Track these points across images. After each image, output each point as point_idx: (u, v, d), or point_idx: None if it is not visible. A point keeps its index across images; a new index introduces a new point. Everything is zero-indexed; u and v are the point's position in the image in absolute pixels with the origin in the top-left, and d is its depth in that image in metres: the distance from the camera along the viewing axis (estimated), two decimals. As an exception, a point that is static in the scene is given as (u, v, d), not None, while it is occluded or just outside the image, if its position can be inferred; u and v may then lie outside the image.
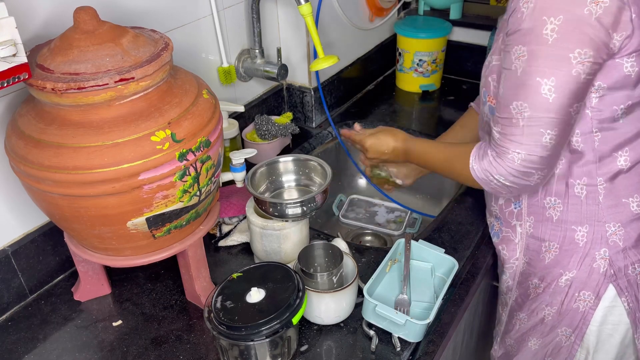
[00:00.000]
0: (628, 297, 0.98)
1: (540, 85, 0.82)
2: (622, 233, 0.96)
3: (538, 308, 1.07)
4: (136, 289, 1.09)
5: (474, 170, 0.95)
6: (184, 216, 0.90)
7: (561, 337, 1.05)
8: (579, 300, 1.00)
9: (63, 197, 0.82)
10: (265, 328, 0.84)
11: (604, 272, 0.97)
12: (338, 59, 1.24)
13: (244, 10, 1.37)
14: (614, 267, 0.97)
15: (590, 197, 0.95)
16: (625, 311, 0.99)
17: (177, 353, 0.95)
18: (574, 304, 1.01)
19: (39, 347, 0.97)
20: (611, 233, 0.96)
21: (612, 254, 0.97)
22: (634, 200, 0.95)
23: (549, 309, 1.05)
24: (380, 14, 1.75)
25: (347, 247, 1.08)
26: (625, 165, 0.93)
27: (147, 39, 0.86)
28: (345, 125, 1.64)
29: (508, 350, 1.18)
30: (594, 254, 0.97)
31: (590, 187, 0.95)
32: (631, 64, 0.84)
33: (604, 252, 0.97)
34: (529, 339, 1.11)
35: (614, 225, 0.96)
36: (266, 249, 1.07)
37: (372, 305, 0.93)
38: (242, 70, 1.41)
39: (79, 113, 0.80)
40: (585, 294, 1.00)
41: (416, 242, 1.09)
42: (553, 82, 0.81)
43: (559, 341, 1.06)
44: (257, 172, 1.11)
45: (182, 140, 0.83)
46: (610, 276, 0.97)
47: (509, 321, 1.16)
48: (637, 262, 0.97)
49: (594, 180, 0.94)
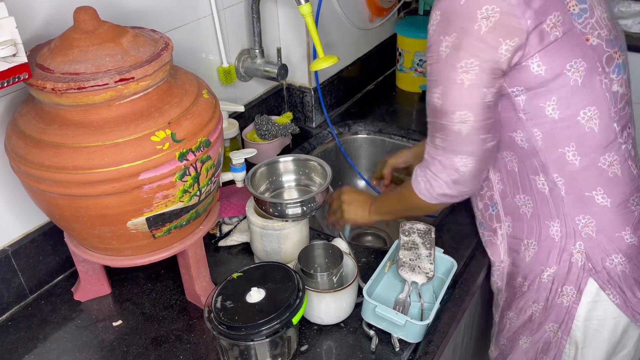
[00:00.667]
0: (613, 291, 0.99)
1: (433, 93, 0.92)
2: (594, 225, 0.97)
3: (525, 306, 1.08)
4: (136, 289, 1.09)
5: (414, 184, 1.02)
6: (184, 216, 0.90)
7: (549, 334, 1.06)
8: (563, 295, 1.01)
9: (63, 197, 0.82)
10: (265, 328, 0.84)
11: (582, 266, 0.99)
12: (338, 59, 1.24)
13: (244, 10, 1.37)
14: (591, 260, 0.98)
15: (553, 193, 0.97)
16: (611, 305, 1.00)
17: (177, 353, 0.95)
18: (558, 299, 1.02)
19: (39, 347, 0.97)
20: (582, 226, 0.97)
21: (587, 247, 0.98)
22: (598, 192, 0.96)
23: (535, 305, 1.06)
24: (380, 14, 1.75)
25: (348, 247, 1.08)
26: (575, 159, 0.94)
27: (147, 38, 0.86)
28: (345, 125, 1.64)
29: (502, 350, 1.19)
30: (570, 248, 0.99)
31: (550, 182, 0.97)
32: (537, 64, 0.87)
33: (579, 245, 0.98)
34: (520, 338, 1.12)
35: (584, 217, 0.97)
36: (266, 249, 1.07)
37: (372, 306, 0.93)
38: (242, 70, 1.41)
39: (79, 113, 0.80)
40: (567, 289, 1.01)
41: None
42: (441, 91, 0.90)
43: (547, 337, 1.07)
44: (257, 172, 1.11)
45: (182, 140, 0.83)
46: (589, 270, 0.98)
47: (500, 321, 1.18)
48: (614, 253, 0.98)
49: (550, 176, 0.96)
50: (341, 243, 1.08)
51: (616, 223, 0.97)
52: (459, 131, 0.92)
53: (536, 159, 0.96)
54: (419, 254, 1.03)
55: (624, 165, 0.96)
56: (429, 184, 0.99)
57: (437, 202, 1.01)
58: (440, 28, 0.88)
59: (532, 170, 0.97)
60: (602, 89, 0.92)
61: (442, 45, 0.88)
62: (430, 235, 1.06)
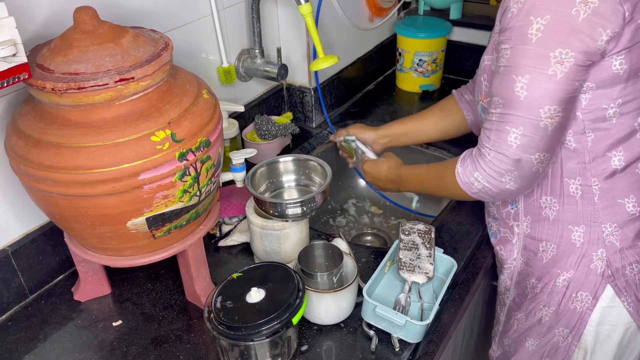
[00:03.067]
0: (628, 298, 0.97)
1: (515, 82, 0.83)
2: (619, 233, 0.96)
3: (536, 308, 1.07)
4: (136, 289, 1.09)
5: (458, 174, 0.95)
6: (184, 216, 0.90)
7: (558, 338, 1.05)
8: (577, 301, 1.00)
9: (63, 197, 0.82)
10: (265, 328, 0.84)
11: (602, 273, 0.97)
12: (338, 59, 1.24)
13: (244, 10, 1.37)
14: (611, 267, 0.96)
15: (585, 197, 0.95)
16: (624, 312, 0.99)
17: (177, 353, 0.95)
18: (572, 304, 1.01)
19: (39, 347, 0.97)
20: (608, 234, 0.96)
21: (609, 254, 0.96)
22: (630, 200, 0.95)
23: (547, 309, 1.05)
24: (380, 14, 1.75)
25: (347, 247, 1.08)
26: (619, 165, 0.92)
27: (147, 38, 0.86)
28: (345, 125, 1.64)
29: (505, 351, 1.18)
30: (591, 254, 0.97)
31: (585, 187, 0.95)
32: (620, 62, 0.83)
33: (601, 252, 0.97)
34: (527, 340, 1.10)
35: (610, 225, 0.96)
36: (266, 249, 1.07)
37: (372, 306, 0.93)
38: (242, 70, 1.41)
39: (79, 113, 0.80)
40: (582, 295, 0.99)
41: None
42: (527, 80, 0.82)
43: (556, 342, 1.06)
44: (257, 172, 1.11)
45: (182, 140, 0.83)
46: (607, 277, 0.97)
47: (507, 321, 1.16)
48: (634, 262, 0.97)
49: (588, 180, 0.94)
50: (341, 243, 1.08)
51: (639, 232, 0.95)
52: (545, 127, 0.84)
53: (579, 161, 0.93)
54: (419, 254, 1.03)
55: None
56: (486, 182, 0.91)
57: (480, 198, 0.96)
58: (530, 6, 0.80)
59: (570, 173, 0.94)
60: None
61: (532, 28, 0.79)
62: (430, 235, 1.06)
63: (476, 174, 0.92)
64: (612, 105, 0.87)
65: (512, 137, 0.86)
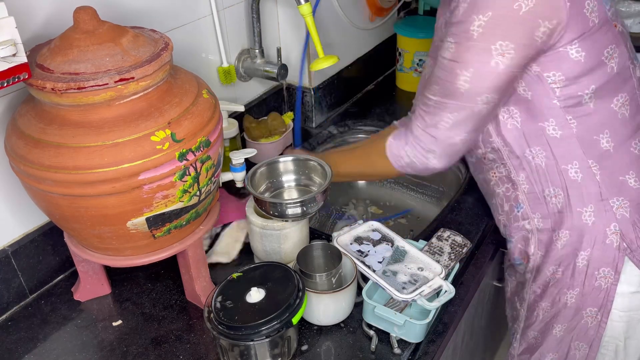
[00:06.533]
0: None
1: (458, 76, 0.87)
2: (628, 205, 0.97)
3: (560, 293, 1.06)
4: (136, 289, 1.09)
5: (390, 147, 1.03)
6: (184, 216, 0.90)
7: (587, 319, 1.05)
8: (600, 277, 1.00)
9: (63, 197, 0.82)
10: (265, 328, 0.84)
11: (618, 246, 0.98)
12: (338, 59, 1.24)
13: (244, 10, 1.37)
14: (626, 240, 0.98)
15: (587, 179, 0.97)
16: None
17: (177, 353, 0.95)
18: (596, 282, 1.01)
19: (39, 347, 0.97)
20: (617, 207, 0.97)
21: (622, 227, 0.98)
22: (631, 176, 0.96)
23: (571, 292, 1.04)
24: (380, 14, 1.75)
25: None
26: (609, 146, 0.95)
27: (147, 38, 0.86)
28: (345, 125, 1.64)
29: (531, 344, 1.16)
30: (604, 230, 0.98)
31: (584, 169, 0.96)
32: (576, 50, 0.86)
33: (614, 227, 0.98)
34: (554, 327, 1.10)
35: (617, 199, 0.97)
36: (266, 249, 1.07)
37: (372, 307, 0.93)
38: (242, 70, 1.41)
39: (79, 113, 0.80)
40: (604, 271, 1.00)
41: (416, 242, 1.09)
42: (470, 74, 0.86)
43: (584, 323, 1.06)
44: (257, 172, 1.11)
45: (182, 140, 0.83)
46: (624, 249, 0.98)
47: (529, 315, 1.15)
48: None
49: (585, 162, 0.96)
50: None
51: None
52: (480, 112, 0.90)
53: (569, 148, 0.95)
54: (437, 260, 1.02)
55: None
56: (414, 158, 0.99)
57: (404, 171, 1.04)
58: (475, 5, 0.84)
59: (565, 160, 0.96)
60: (632, 74, 0.93)
61: (473, 24, 0.84)
62: (462, 250, 1.06)
63: (407, 148, 1.00)
64: (586, 92, 0.90)
65: (445, 121, 0.93)
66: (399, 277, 0.98)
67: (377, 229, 1.09)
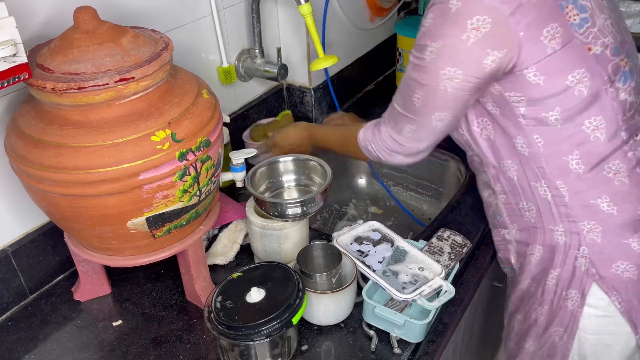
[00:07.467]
0: (618, 297, 0.97)
1: (413, 93, 0.94)
2: (599, 230, 0.95)
3: (531, 309, 1.07)
4: (136, 289, 1.09)
5: (360, 140, 1.11)
6: (184, 216, 0.90)
7: (554, 337, 1.05)
8: (568, 299, 1.00)
9: (63, 197, 0.82)
10: (265, 328, 0.84)
11: (586, 271, 0.97)
12: (338, 59, 1.24)
13: (244, 10, 1.37)
14: (595, 265, 0.96)
15: (556, 199, 0.96)
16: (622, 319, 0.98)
17: (177, 353, 0.95)
18: (563, 303, 1.01)
19: (39, 347, 0.97)
20: (587, 231, 0.96)
21: (591, 252, 0.96)
22: (603, 200, 0.94)
23: (541, 308, 1.05)
24: (380, 14, 1.75)
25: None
26: (579, 168, 0.93)
27: (147, 38, 0.86)
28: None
29: (510, 354, 1.18)
30: (574, 253, 0.98)
31: (552, 189, 0.95)
32: (534, 74, 0.87)
33: (582, 250, 0.97)
34: (527, 341, 1.11)
35: (589, 223, 0.95)
36: (266, 249, 1.07)
37: (372, 307, 0.93)
38: (242, 70, 1.41)
39: (79, 113, 0.80)
40: (571, 293, 1.00)
41: (416, 242, 1.09)
42: (422, 94, 0.93)
43: (553, 341, 1.06)
44: (257, 172, 1.11)
45: (182, 140, 0.83)
46: (592, 275, 0.97)
47: (509, 324, 1.17)
48: (619, 260, 0.96)
49: (552, 183, 0.95)
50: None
51: (623, 230, 0.94)
52: (435, 127, 0.97)
53: (537, 166, 0.94)
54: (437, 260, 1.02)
55: (632, 173, 0.94)
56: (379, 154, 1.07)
57: (376, 160, 1.11)
58: (429, 33, 0.89)
59: (533, 177, 0.96)
60: (609, 98, 0.90)
61: (427, 51, 0.89)
62: (462, 250, 1.06)
63: (373, 145, 1.08)
64: (551, 113, 0.90)
65: (406, 130, 1.00)
66: (399, 277, 0.98)
67: (377, 229, 1.09)
